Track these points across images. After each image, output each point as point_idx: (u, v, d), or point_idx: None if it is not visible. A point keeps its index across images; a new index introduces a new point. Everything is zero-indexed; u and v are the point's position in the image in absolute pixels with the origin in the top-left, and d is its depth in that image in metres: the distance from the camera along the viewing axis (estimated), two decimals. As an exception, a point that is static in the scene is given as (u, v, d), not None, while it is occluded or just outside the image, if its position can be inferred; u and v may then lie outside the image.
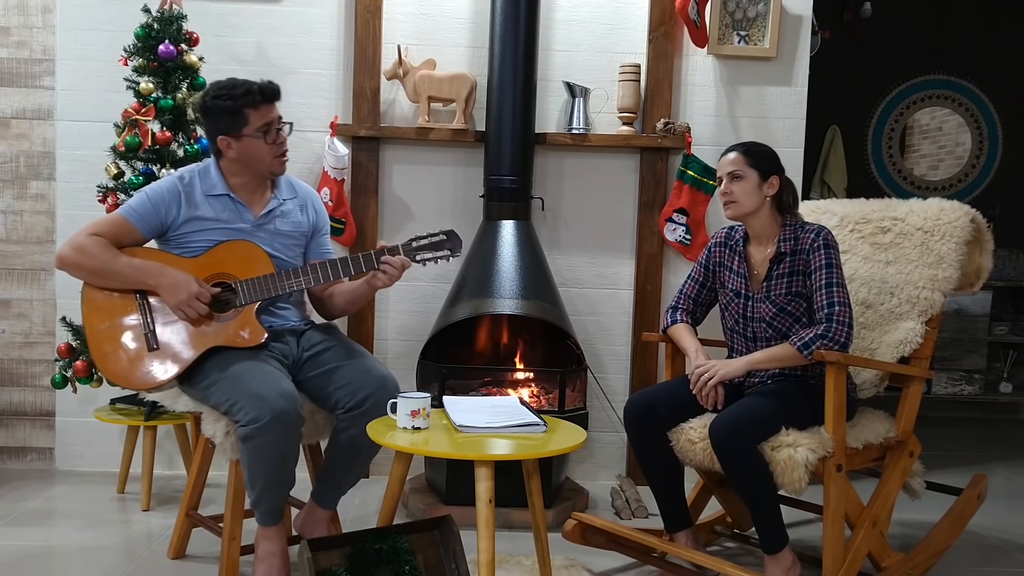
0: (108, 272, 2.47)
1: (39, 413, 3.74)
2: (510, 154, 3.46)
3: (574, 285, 3.78)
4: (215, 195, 2.58)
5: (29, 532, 2.99)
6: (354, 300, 2.70)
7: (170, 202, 2.54)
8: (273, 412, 2.28)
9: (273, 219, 2.64)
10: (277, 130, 2.56)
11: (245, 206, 2.60)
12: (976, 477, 3.00)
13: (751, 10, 3.73)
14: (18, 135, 3.67)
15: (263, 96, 2.52)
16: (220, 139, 2.54)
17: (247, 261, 2.53)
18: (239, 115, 2.51)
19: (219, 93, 2.52)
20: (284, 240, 2.65)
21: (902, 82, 5.92)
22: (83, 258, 2.46)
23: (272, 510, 2.43)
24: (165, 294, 2.46)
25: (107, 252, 2.47)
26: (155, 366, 2.46)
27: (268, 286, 2.51)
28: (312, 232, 2.74)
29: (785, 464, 2.34)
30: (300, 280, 2.54)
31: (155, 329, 2.48)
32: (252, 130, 2.52)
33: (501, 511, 2.99)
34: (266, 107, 2.53)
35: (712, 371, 2.56)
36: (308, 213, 2.73)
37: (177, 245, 2.56)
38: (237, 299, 2.51)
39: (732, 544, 3.05)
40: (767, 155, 2.65)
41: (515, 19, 3.41)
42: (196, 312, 2.46)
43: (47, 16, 3.63)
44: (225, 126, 2.52)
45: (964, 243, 2.74)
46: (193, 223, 2.55)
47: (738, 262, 2.70)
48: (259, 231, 2.60)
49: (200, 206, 2.55)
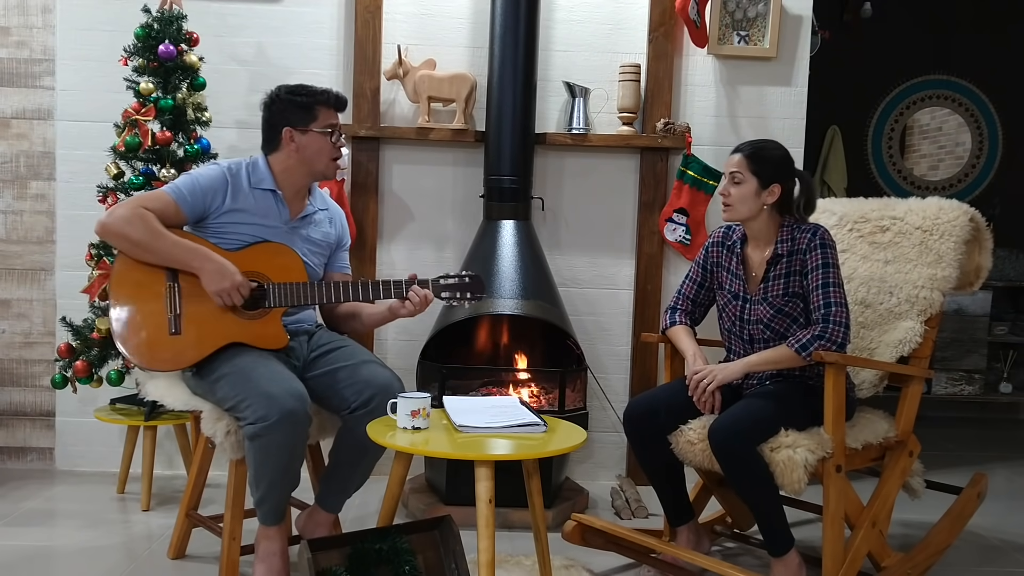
0: (153, 247, 2.45)
1: (39, 413, 3.74)
2: (510, 154, 3.46)
3: (574, 285, 3.78)
4: (262, 189, 2.60)
5: (29, 532, 2.99)
6: (371, 324, 2.77)
7: (218, 189, 2.55)
8: (282, 411, 2.29)
9: (307, 224, 2.67)
10: (340, 134, 2.63)
11: (285, 206, 2.63)
12: (976, 476, 3.00)
13: (751, 10, 3.73)
14: (18, 135, 3.67)
15: (336, 101, 2.62)
16: (286, 130, 2.58)
17: (284, 266, 2.55)
18: (311, 110, 2.57)
19: (294, 89, 2.61)
20: (312, 247, 2.67)
21: (902, 82, 5.92)
22: (130, 229, 2.44)
23: (275, 510, 2.43)
24: (208, 278, 2.45)
25: (155, 227, 2.45)
26: (172, 350, 2.46)
27: (299, 294, 2.53)
28: (336, 245, 2.78)
29: (784, 465, 2.34)
30: (331, 295, 2.56)
31: (181, 313, 2.48)
32: (319, 126, 2.58)
33: (501, 511, 2.99)
34: (334, 112, 2.62)
35: (710, 376, 2.55)
36: (336, 226, 2.78)
37: (213, 234, 2.56)
38: (266, 300, 2.52)
39: (732, 544, 3.05)
40: (773, 161, 2.58)
41: (515, 19, 3.41)
42: (233, 302, 2.46)
43: (47, 16, 3.64)
44: (295, 119, 2.58)
45: (963, 242, 2.74)
46: (234, 214, 2.56)
47: (735, 263, 2.70)
48: (292, 233, 2.62)
49: (244, 198, 2.57)
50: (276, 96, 2.61)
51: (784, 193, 2.59)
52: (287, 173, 2.62)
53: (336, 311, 2.78)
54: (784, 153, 2.63)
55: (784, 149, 2.64)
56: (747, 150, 2.61)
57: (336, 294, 2.56)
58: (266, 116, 2.64)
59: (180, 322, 2.47)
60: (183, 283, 2.49)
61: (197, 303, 2.48)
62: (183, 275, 2.49)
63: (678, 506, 2.72)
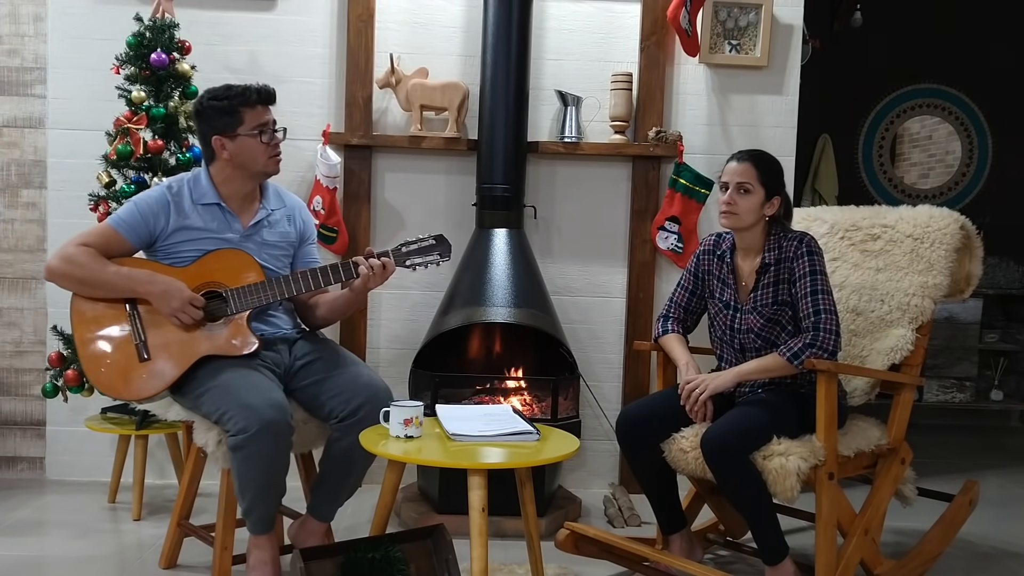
0: (97, 282, 2.46)
1: (29, 422, 3.72)
2: (502, 162, 3.46)
3: (566, 293, 3.78)
4: (205, 204, 2.57)
5: (19, 542, 2.97)
6: (336, 309, 2.70)
7: (158, 212, 2.53)
8: (262, 422, 2.28)
9: (261, 229, 2.64)
10: (272, 132, 2.58)
11: (234, 216, 2.60)
12: (967, 484, 3.00)
13: (742, 19, 3.75)
14: (9, 143, 3.66)
15: (259, 97, 2.55)
16: (215, 139, 2.54)
17: (237, 269, 2.53)
18: (235, 114, 2.52)
19: (215, 94, 2.55)
20: (272, 250, 2.65)
21: (892, 91, 5.95)
22: (72, 268, 2.45)
23: (263, 519, 2.43)
24: (157, 302, 2.45)
25: (96, 262, 2.46)
26: (147, 377, 2.45)
27: (258, 294, 2.51)
28: (299, 241, 2.74)
29: (777, 473, 2.34)
30: (289, 288, 2.53)
31: (146, 339, 2.47)
32: (247, 129, 2.53)
33: (494, 520, 2.98)
34: (261, 108, 2.55)
35: (702, 386, 2.55)
36: (295, 223, 2.73)
37: (166, 255, 2.55)
38: (228, 308, 2.50)
39: (725, 552, 3.05)
40: (775, 172, 2.61)
41: (507, 28, 3.42)
42: (191, 318, 2.45)
43: (39, 24, 3.63)
44: (220, 126, 2.53)
45: (954, 250, 2.75)
46: (182, 233, 2.54)
47: (726, 272, 2.70)
48: (247, 242, 2.60)
49: (189, 216, 2.55)
50: (200, 105, 2.57)
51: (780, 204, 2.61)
52: (228, 182, 2.59)
53: (309, 307, 2.73)
54: (780, 165, 2.66)
55: (778, 161, 2.67)
56: (754, 159, 2.59)
57: (296, 286, 2.53)
58: (197, 127, 2.61)
59: (147, 348, 2.46)
60: (143, 309, 2.48)
61: (161, 326, 2.47)
62: (140, 301, 2.48)
63: (671, 514, 2.72)
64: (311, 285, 2.55)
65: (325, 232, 3.55)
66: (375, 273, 2.54)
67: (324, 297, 2.71)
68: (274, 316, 2.66)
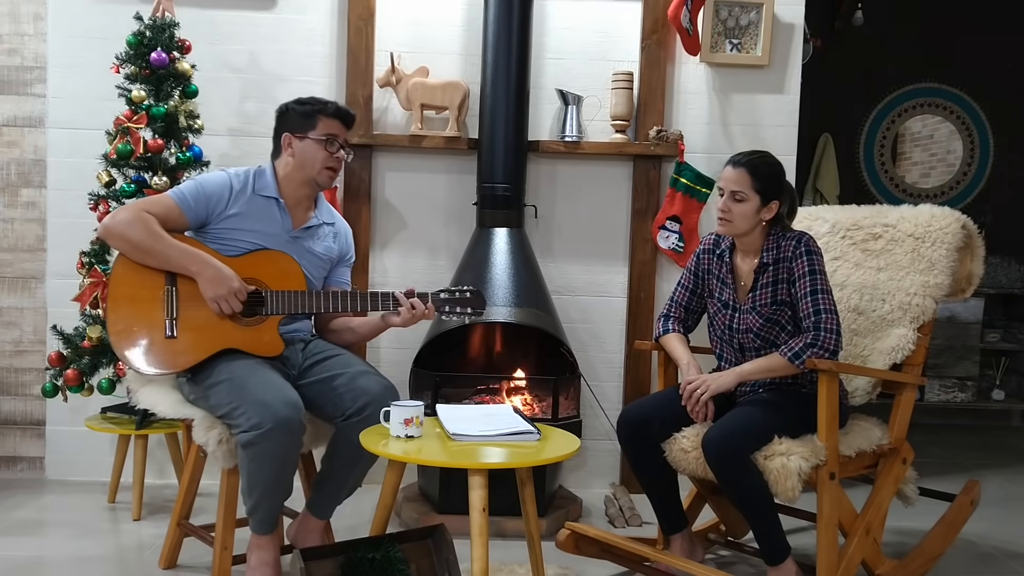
0: (153, 249, 2.46)
1: (29, 422, 3.72)
2: (503, 161, 3.46)
3: (567, 292, 3.78)
4: (265, 196, 2.61)
5: (19, 542, 2.96)
6: (367, 334, 2.77)
7: (221, 194, 2.57)
8: (276, 419, 2.28)
9: (309, 237, 2.68)
10: (339, 146, 2.64)
11: (288, 215, 2.64)
12: (969, 484, 3.00)
13: (743, 18, 3.74)
14: (9, 143, 3.66)
15: (338, 112, 2.65)
16: (285, 136, 2.62)
17: (283, 274, 2.56)
18: (311, 118, 2.61)
19: (301, 100, 2.66)
20: (313, 260, 2.68)
21: (894, 90, 5.95)
22: (132, 231, 2.45)
23: (267, 519, 2.42)
24: (206, 283, 2.46)
25: (156, 230, 2.47)
26: (167, 354, 2.46)
27: (296, 303, 2.54)
28: (338, 260, 2.78)
29: (778, 473, 2.34)
30: (326, 304, 2.58)
31: (177, 317, 2.48)
32: (317, 134, 2.60)
33: (495, 520, 2.98)
34: (337, 123, 2.64)
35: (704, 386, 2.55)
36: (340, 242, 2.79)
37: (213, 239, 2.57)
38: (264, 308, 2.52)
39: (726, 552, 3.05)
40: (772, 177, 2.57)
41: (508, 27, 3.42)
42: (231, 308, 2.47)
43: (38, 24, 3.63)
44: (295, 126, 2.62)
45: (955, 249, 2.74)
46: (234, 220, 2.57)
47: (725, 271, 2.70)
48: (294, 244, 2.63)
49: (246, 205, 2.58)
50: (285, 107, 2.67)
51: (779, 207, 2.60)
52: (287, 180, 2.65)
53: (330, 323, 2.77)
54: (780, 167, 2.62)
55: (778, 162, 2.63)
56: (748, 166, 2.56)
57: (334, 304, 2.58)
58: (275, 125, 2.69)
59: (176, 326, 2.48)
60: (181, 287, 2.49)
61: (194, 308, 2.48)
62: (182, 279, 2.49)
63: (672, 514, 2.72)
64: (347, 307, 2.60)
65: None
66: (416, 314, 2.59)
67: (360, 320, 2.76)
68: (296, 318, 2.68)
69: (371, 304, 2.60)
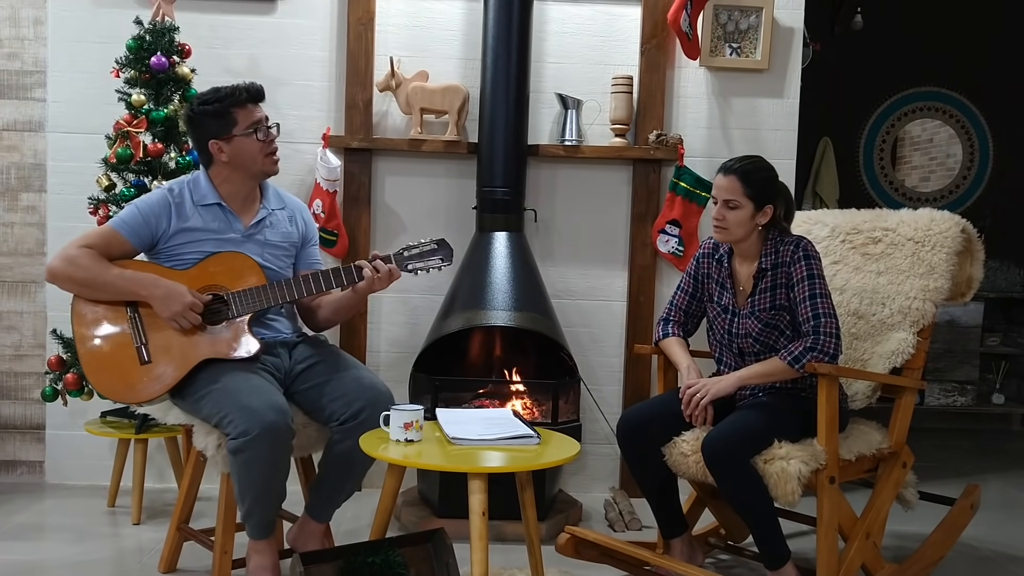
0: (99, 284, 2.46)
1: (29, 426, 3.72)
2: (503, 165, 3.46)
3: (567, 296, 3.78)
4: (206, 205, 2.58)
5: (19, 546, 2.96)
6: (339, 310, 2.70)
7: (160, 214, 2.53)
8: (263, 425, 2.27)
9: (263, 229, 2.64)
10: (267, 128, 2.59)
11: (235, 216, 2.61)
12: (969, 488, 2.99)
13: (743, 22, 3.74)
14: (9, 147, 3.66)
15: (248, 95, 2.56)
16: (211, 143, 2.55)
17: (238, 272, 2.53)
18: (227, 116, 2.54)
19: (204, 99, 2.57)
20: (274, 250, 2.65)
21: (893, 94, 5.95)
22: (73, 270, 2.45)
23: (263, 523, 2.42)
24: (158, 305, 2.45)
25: (98, 264, 2.46)
26: (147, 380, 2.45)
27: (259, 298, 2.51)
28: (301, 243, 2.75)
29: (778, 477, 2.33)
30: (291, 292, 2.53)
31: (147, 342, 2.47)
32: (241, 129, 2.54)
33: (494, 524, 2.96)
34: (252, 106, 2.57)
35: (703, 390, 2.55)
36: (297, 224, 2.74)
37: (168, 257, 2.55)
38: (229, 311, 2.50)
39: (726, 556, 3.05)
40: (765, 182, 2.56)
41: (507, 31, 3.42)
42: (190, 323, 2.45)
43: (39, 28, 3.63)
44: (215, 130, 2.54)
45: (955, 253, 2.74)
46: (183, 235, 2.54)
47: (724, 276, 2.70)
48: (249, 241, 2.60)
49: (190, 217, 2.55)
50: (192, 112, 2.59)
51: (774, 211, 2.59)
52: (228, 183, 2.60)
53: (312, 309, 2.74)
54: (773, 172, 2.61)
55: (771, 167, 2.62)
56: (739, 173, 2.55)
57: (299, 290, 2.54)
58: (191, 134, 2.63)
59: (148, 351, 2.46)
60: (143, 312, 2.48)
61: (161, 328, 2.47)
62: (141, 304, 2.48)
63: (671, 518, 2.72)
64: (312, 289, 2.55)
65: (325, 236, 3.54)
66: (380, 276, 2.54)
67: (327, 299, 2.71)
68: (274, 320, 2.66)
69: (335, 281, 2.54)
